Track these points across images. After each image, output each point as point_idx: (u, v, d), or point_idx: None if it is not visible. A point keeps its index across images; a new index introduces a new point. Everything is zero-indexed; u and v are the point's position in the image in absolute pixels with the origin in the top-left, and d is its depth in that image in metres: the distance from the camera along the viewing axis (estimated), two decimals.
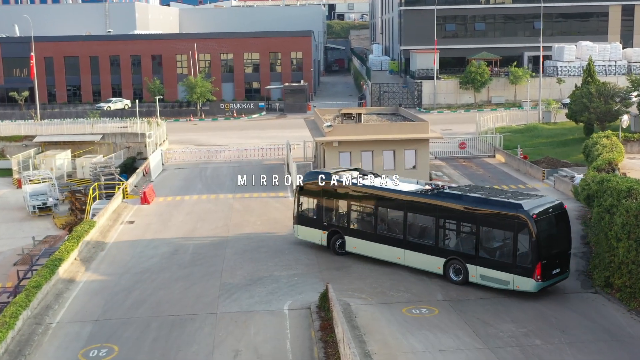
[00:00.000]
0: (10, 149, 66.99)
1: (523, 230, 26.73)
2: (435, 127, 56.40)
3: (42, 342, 24.70)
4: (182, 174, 54.49)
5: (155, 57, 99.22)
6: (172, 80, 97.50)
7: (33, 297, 26.80)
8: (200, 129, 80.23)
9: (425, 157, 46.45)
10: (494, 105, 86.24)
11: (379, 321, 25.21)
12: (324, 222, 33.11)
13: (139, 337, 24.76)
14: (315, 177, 33.43)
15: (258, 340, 24.32)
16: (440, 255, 29.16)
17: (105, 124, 70.02)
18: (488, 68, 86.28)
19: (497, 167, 52.95)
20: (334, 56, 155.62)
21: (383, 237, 31.11)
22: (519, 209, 26.97)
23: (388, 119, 51.78)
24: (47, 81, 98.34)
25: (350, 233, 32.31)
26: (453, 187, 31.38)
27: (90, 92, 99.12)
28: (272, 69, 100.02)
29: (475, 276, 28.12)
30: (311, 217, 33.70)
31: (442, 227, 29.37)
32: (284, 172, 52.89)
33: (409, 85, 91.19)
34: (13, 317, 24.71)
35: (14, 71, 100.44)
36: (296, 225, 34.41)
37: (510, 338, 23.61)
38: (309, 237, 33.83)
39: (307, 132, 52.85)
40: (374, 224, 31.48)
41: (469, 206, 28.41)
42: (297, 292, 28.50)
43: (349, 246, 32.37)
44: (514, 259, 27.00)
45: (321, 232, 33.18)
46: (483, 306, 26.49)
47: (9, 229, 47.22)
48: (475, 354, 22.45)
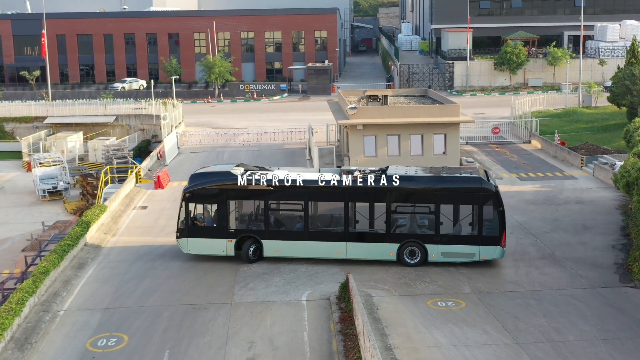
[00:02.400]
0: (20, 130, 67.65)
1: (488, 202, 29.40)
2: (467, 110, 56.16)
3: (49, 330, 25.02)
4: (198, 158, 54.74)
5: (172, 36, 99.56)
6: (189, 60, 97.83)
7: (40, 283, 27.13)
8: (218, 111, 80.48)
9: (455, 142, 46.20)
10: (531, 88, 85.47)
11: (402, 314, 25.20)
12: (230, 229, 30.56)
13: (150, 326, 24.98)
14: (209, 179, 30.86)
15: (274, 332, 24.43)
16: (394, 241, 29.88)
17: (119, 105, 70.38)
18: (525, 48, 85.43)
19: (532, 153, 52.54)
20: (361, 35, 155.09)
21: (317, 233, 30.33)
22: (483, 182, 29.68)
23: (416, 101, 51.56)
24: (59, 60, 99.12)
25: (269, 236, 30.49)
26: (373, 170, 31.27)
27: (103, 71, 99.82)
28: (294, 48, 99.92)
29: (435, 255, 29.73)
30: (209, 226, 30.87)
31: (395, 211, 30.03)
32: (305, 157, 52.90)
33: (440, 66, 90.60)
34: (19, 303, 25.04)
35: (24, 49, 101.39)
36: (185, 238, 30.88)
37: (541, 333, 23.49)
38: (207, 250, 30.92)
39: (331, 115, 52.83)
40: (305, 222, 30.27)
41: (425, 186, 29.74)
42: (316, 282, 28.57)
43: (268, 250, 30.56)
44: (480, 231, 29.44)
45: (226, 241, 30.53)
46: (513, 300, 26.38)
47: (18, 213, 47.76)
48: (504, 349, 22.37)
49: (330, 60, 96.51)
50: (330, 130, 56.71)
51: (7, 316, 24.03)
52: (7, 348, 23.21)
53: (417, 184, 29.90)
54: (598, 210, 37.86)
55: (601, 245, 32.43)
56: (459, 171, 31.38)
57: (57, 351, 23.50)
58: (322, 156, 46.81)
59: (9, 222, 46.00)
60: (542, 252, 31.60)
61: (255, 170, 31.58)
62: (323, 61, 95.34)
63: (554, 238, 33.51)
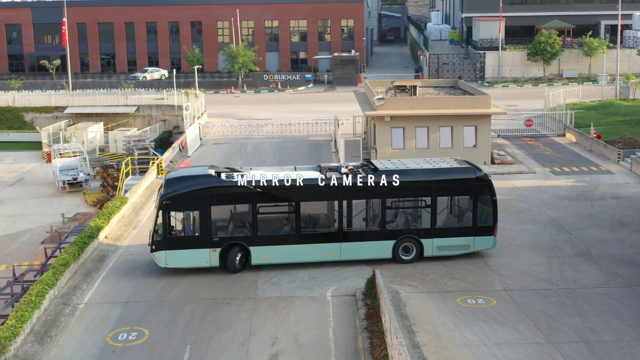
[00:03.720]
0: (40, 120, 68.36)
1: (483, 192, 29.99)
2: (499, 102, 55.82)
3: (69, 323, 25.25)
4: (221, 150, 54.96)
5: (194, 24, 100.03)
6: (212, 49, 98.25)
7: (60, 275, 27.38)
8: (241, 102, 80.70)
9: (486, 135, 45.99)
10: (566, 79, 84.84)
11: (430, 311, 25.13)
12: (214, 238, 28.69)
13: (171, 320, 25.13)
14: (190, 183, 28.81)
15: (298, 328, 24.47)
16: (389, 238, 29.63)
17: (140, 95, 70.96)
18: (560, 38, 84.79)
19: (567, 147, 52.12)
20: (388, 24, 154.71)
21: (309, 235, 29.49)
22: (477, 172, 30.26)
23: (446, 92, 51.35)
24: (80, 49, 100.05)
25: (258, 242, 29.03)
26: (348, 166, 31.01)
27: (125, 61, 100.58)
28: (320, 37, 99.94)
29: (431, 249, 29.80)
30: (190, 235, 28.93)
31: (390, 207, 29.90)
32: (331, 149, 52.90)
33: (470, 56, 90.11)
34: (39, 295, 25.30)
35: (45, 38, 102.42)
36: (163, 251, 28.65)
37: (575, 333, 23.30)
38: (188, 262, 28.81)
39: (357, 106, 52.81)
40: (296, 224, 29.23)
41: (421, 179, 29.67)
42: (341, 278, 28.58)
43: (257, 258, 29.08)
44: (475, 222, 29.90)
45: (209, 251, 28.64)
46: (546, 298, 26.20)
47: (38, 205, 48.26)
48: (536, 348, 22.23)
49: (357, 50, 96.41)
50: (357, 122, 56.66)
51: (26, 308, 24.29)
52: (26, 341, 23.46)
53: (412, 177, 29.72)
54: (636, 206, 37.47)
55: (639, 242, 32.09)
56: (444, 162, 31.44)
57: (77, 345, 23.71)
58: (348, 148, 46.77)
59: (29, 213, 46.49)
60: (577, 249, 31.34)
61: (229, 171, 30.24)
62: (349, 51, 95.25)
63: (589, 235, 33.23)
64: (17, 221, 44.70)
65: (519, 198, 39.35)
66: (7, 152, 63.30)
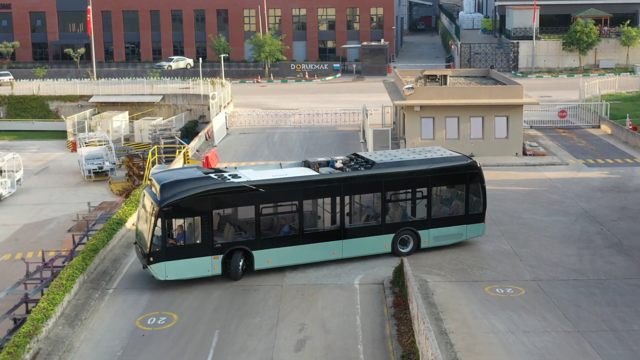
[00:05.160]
0: (64, 109, 69.83)
1: (474, 179, 30.92)
2: (532, 93, 56.15)
3: (98, 307, 26.32)
4: (247, 139, 55.95)
5: (220, 12, 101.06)
6: (238, 38, 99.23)
7: (90, 261, 28.47)
8: (268, 92, 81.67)
9: (518, 126, 46.48)
10: (602, 69, 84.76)
11: (458, 299, 25.86)
12: (217, 244, 27.61)
13: (199, 306, 26.09)
14: (192, 187, 27.33)
15: (326, 315, 25.31)
16: (389, 232, 30.00)
17: (165, 84, 72.20)
18: (596, 27, 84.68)
19: (601, 138, 52.43)
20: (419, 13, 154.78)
21: (312, 235, 29.14)
22: (467, 159, 31.20)
23: (477, 81, 51.86)
24: (104, 37, 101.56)
25: (261, 245, 28.24)
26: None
27: (149, 49, 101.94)
28: (349, 26, 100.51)
29: (427, 240, 30.44)
30: (191, 243, 27.43)
31: (389, 200, 30.27)
32: (359, 139, 53.65)
33: (503, 46, 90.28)
34: (70, 279, 26.38)
35: (69, 26, 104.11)
36: (162, 263, 26.99)
37: (604, 322, 23.92)
38: (188, 273, 27.51)
39: (386, 96, 53.48)
40: (299, 223, 28.78)
41: (416, 169, 30.18)
42: (369, 266, 29.36)
43: (260, 262, 28.32)
44: (467, 210, 30.83)
45: (211, 259, 27.54)
46: (576, 288, 26.80)
47: (64, 194, 49.50)
48: (564, 337, 22.89)
49: (387, 39, 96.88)
50: (386, 112, 57.40)
51: (57, 292, 25.37)
52: (57, 323, 24.55)
53: (410, 167, 30.14)
54: None
55: None
56: (430, 152, 31.96)
57: (107, 328, 24.75)
58: (376, 138, 47.48)
59: (54, 202, 47.76)
60: (609, 241, 31.87)
61: (213, 172, 29.56)
62: (379, 40, 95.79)
63: (621, 226, 33.70)
64: (44, 209, 46.02)
65: (550, 190, 39.86)
66: (31, 141, 64.83)
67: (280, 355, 22.65)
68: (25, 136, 66.52)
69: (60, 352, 23.03)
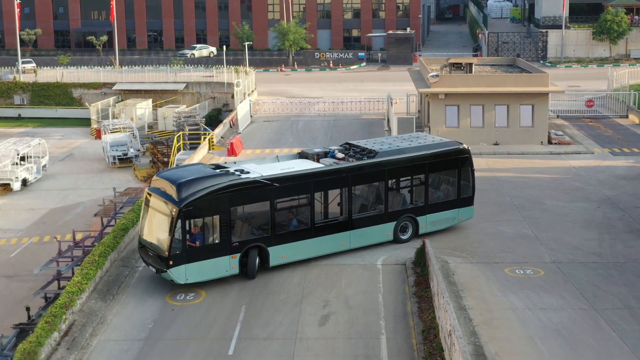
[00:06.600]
0: (88, 96, 71.89)
1: (465, 163, 32.57)
2: (561, 83, 57.24)
3: (129, 283, 28.12)
4: (271, 127, 57.60)
5: (243, 0, 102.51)
6: (262, 26, 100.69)
7: (120, 239, 30.28)
8: (292, 80, 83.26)
9: (543, 115, 47.68)
10: (633, 60, 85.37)
11: (478, 279, 27.38)
12: (234, 242, 27.51)
13: (226, 283, 27.75)
14: (212, 184, 27.13)
15: (349, 292, 26.92)
16: (391, 220, 31.15)
17: (189, 72, 74.11)
18: (627, 16, 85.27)
19: (629, 128, 53.47)
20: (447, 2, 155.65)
21: (322, 228, 29.61)
22: (459, 143, 32.80)
23: (503, 70, 53.07)
24: (127, 25, 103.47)
25: (276, 241, 28.45)
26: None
27: (172, 37, 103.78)
28: (374, 14, 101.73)
29: (425, 226, 31.88)
30: (210, 244, 27.21)
31: (391, 188, 31.42)
32: (383, 127, 55.08)
33: (532, 35, 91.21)
34: (102, 256, 28.17)
35: (92, 14, 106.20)
36: (182, 266, 26.67)
37: (620, 300, 25.34)
38: (208, 274, 27.37)
39: (411, 85, 54.87)
40: (311, 216, 29.27)
41: (416, 155, 31.47)
42: (392, 248, 30.90)
43: (275, 259, 28.55)
44: (458, 193, 32.45)
45: (229, 258, 27.46)
46: (594, 270, 28.20)
47: (89, 180, 51.47)
48: (579, 313, 24.34)
49: (413, 28, 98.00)
50: (411, 101, 58.77)
51: (90, 267, 27.17)
52: (90, 297, 26.35)
53: (409, 154, 31.35)
54: None
55: None
56: (420, 138, 33.42)
57: (138, 302, 26.52)
58: (401, 127, 48.82)
59: (80, 187, 49.75)
60: (630, 226, 33.18)
61: (224, 168, 29.50)
62: (405, 29, 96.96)
63: None
64: (69, 194, 48.04)
65: (574, 177, 41.14)
66: (55, 128, 67.03)
67: (305, 329, 24.29)
68: (49, 123, 68.76)
69: (94, 323, 24.85)
